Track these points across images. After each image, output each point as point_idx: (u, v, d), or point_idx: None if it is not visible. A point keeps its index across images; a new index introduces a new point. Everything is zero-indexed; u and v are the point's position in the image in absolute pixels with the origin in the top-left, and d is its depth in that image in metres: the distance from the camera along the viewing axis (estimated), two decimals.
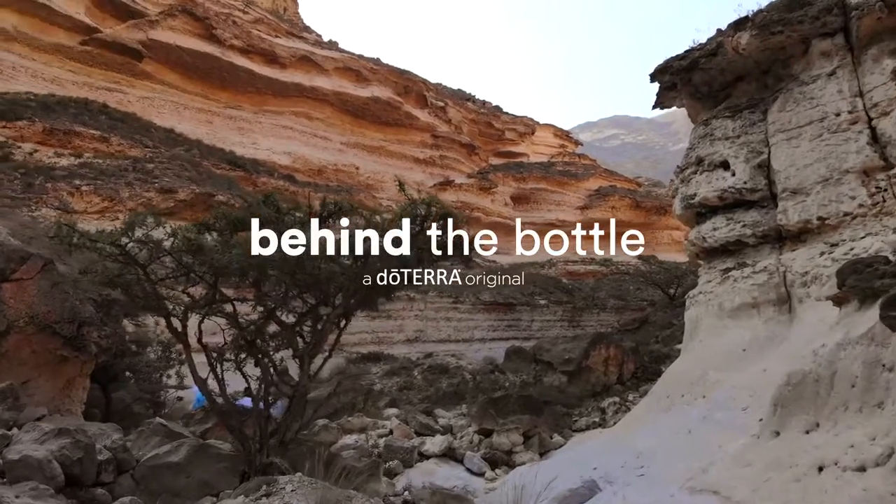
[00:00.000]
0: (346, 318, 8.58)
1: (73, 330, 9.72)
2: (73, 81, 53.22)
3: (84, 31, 53.63)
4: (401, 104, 68.36)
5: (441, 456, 13.00)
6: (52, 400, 10.39)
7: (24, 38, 49.00)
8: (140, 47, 56.78)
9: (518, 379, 22.82)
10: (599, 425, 16.91)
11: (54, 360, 10.19)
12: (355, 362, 28.88)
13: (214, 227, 7.73)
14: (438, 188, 68.70)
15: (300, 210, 7.85)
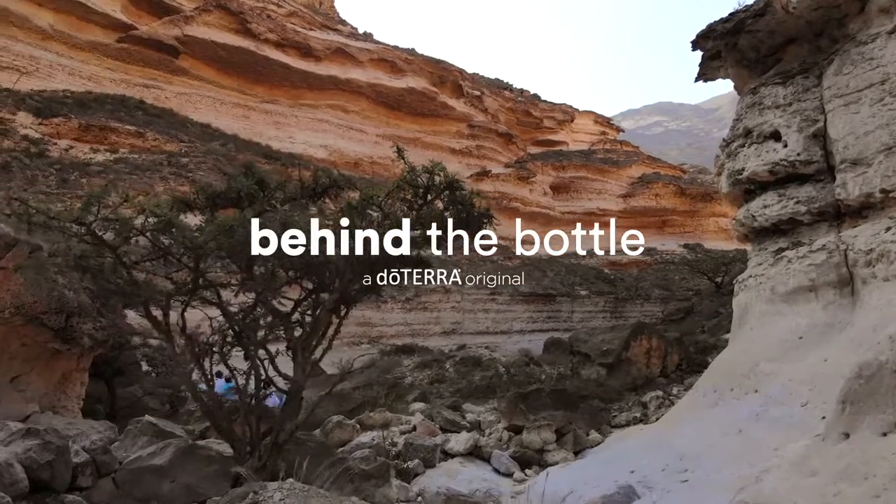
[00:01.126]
0: (346, 306, 7.68)
1: (60, 321, 9.04)
2: (111, 79, 53.62)
3: (120, 29, 54.01)
4: (436, 94, 67.47)
5: (466, 455, 12.05)
6: (46, 396, 9.74)
7: (60, 36, 49.45)
8: (176, 43, 56.98)
9: (554, 372, 21.75)
10: (641, 421, 15.76)
11: (46, 353, 9.53)
12: (389, 354, 28.11)
13: (195, 203, 6.90)
14: (475, 179, 67.65)
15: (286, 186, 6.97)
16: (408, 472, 10.56)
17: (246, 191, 6.34)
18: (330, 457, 8.13)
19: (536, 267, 59.42)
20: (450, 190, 6.38)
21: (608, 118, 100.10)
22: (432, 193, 6.54)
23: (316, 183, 6.90)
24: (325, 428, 11.44)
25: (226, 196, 6.62)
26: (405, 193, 6.67)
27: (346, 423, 11.42)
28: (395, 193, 6.54)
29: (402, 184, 6.36)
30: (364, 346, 36.99)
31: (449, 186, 6.32)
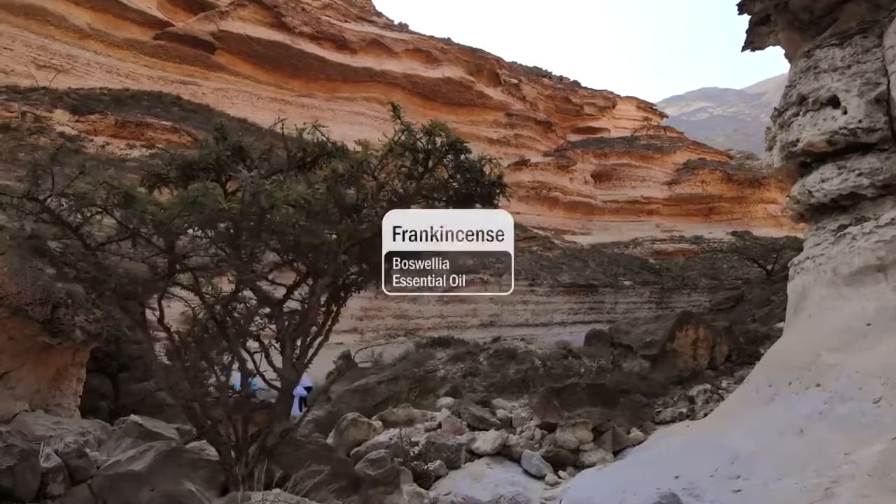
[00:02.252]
0: (343, 292, 6.79)
1: (46, 313, 8.35)
2: (148, 76, 53.90)
3: (156, 26, 54.25)
4: (472, 83, 66.37)
5: (494, 455, 11.11)
6: (38, 393, 9.11)
7: (98, 35, 49.80)
8: (212, 39, 57.06)
9: (594, 365, 20.59)
10: (687, 417, 14.58)
11: (37, 348, 8.89)
12: (424, 347, 27.27)
13: (169, 177, 6.08)
14: (513, 168, 66.47)
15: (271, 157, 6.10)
16: (428, 475, 9.67)
17: (216, 157, 5.48)
18: (333, 460, 7.28)
19: (577, 257, 58.11)
20: (453, 153, 5.43)
21: (651, 104, 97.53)
22: (433, 158, 5.60)
23: (304, 151, 6.00)
24: (340, 426, 10.62)
25: (200, 166, 5.77)
26: (403, 160, 5.74)
27: (362, 420, 10.56)
28: (389, 158, 5.61)
29: (395, 146, 5.42)
30: (400, 338, 36.29)
31: (452, 149, 5.36)
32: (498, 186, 5.81)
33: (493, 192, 5.88)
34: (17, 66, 42.96)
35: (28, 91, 40.67)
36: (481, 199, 6.21)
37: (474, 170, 5.68)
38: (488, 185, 5.72)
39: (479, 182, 5.78)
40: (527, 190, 66.61)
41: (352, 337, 36.59)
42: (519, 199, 66.41)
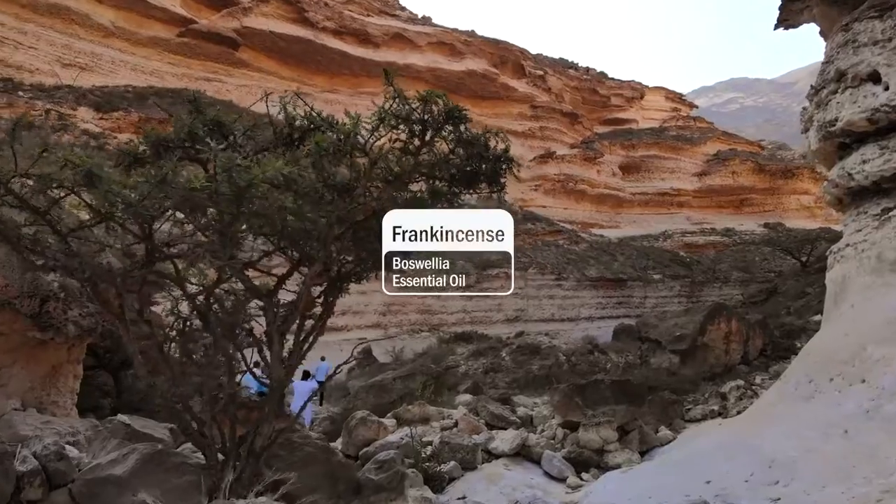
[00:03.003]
0: (340, 283, 6.24)
1: (34, 306, 7.93)
2: (173, 73, 53.97)
3: (180, 23, 54.29)
4: (497, 76, 65.49)
5: (513, 455, 10.52)
6: (31, 391, 8.71)
7: (122, 33, 49.93)
8: (235, 35, 56.99)
9: (621, 360, 19.96)
10: (719, 414, 13.87)
11: (30, 344, 8.48)
12: (447, 342, 26.75)
13: (145, 157, 5.58)
14: (539, 161, 65.58)
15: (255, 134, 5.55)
16: (441, 477, 9.11)
17: (188, 131, 4.95)
18: (332, 464, 6.74)
19: (605, 250, 57.06)
20: (451, 123, 4.83)
21: (680, 94, 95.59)
22: (430, 129, 5.01)
23: (291, 126, 5.45)
24: (348, 425, 10.10)
25: (175, 144, 5.24)
26: (397, 133, 5.16)
27: (371, 419, 10.02)
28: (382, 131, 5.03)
29: (387, 115, 4.84)
30: (424, 333, 35.79)
31: (449, 117, 4.77)
32: (504, 161, 5.19)
33: (500, 167, 5.27)
34: (41, 64, 43.18)
35: (52, 89, 40.84)
36: (487, 177, 5.62)
37: (477, 143, 5.08)
38: (493, 159, 5.11)
39: (483, 157, 5.17)
40: (553, 183, 65.61)
41: (375, 332, 36.19)
42: (545, 193, 65.49)
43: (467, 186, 5.68)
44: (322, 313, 6.47)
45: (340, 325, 36.01)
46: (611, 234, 64.82)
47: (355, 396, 15.31)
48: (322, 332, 6.46)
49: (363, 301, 37.35)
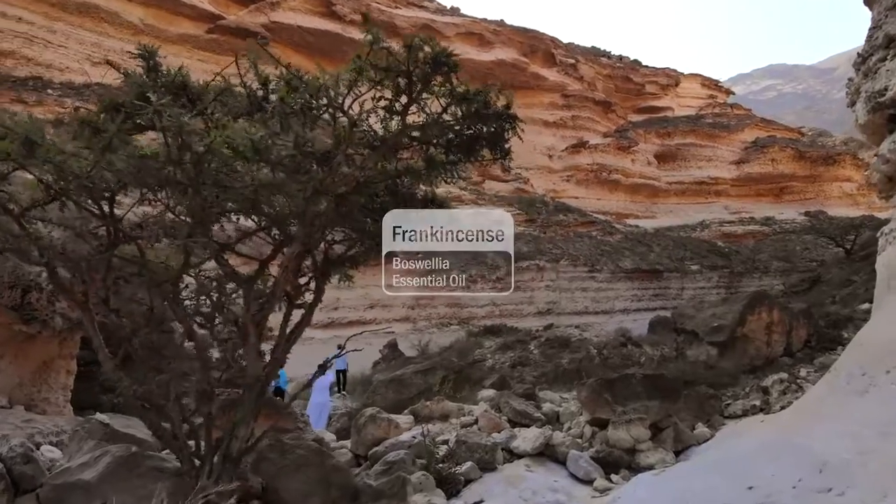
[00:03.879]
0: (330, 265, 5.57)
1: (15, 298, 7.43)
2: (203, 70, 53.86)
3: (209, 19, 54.37)
4: (526, 65, 64.40)
5: (536, 455, 9.76)
6: (20, 387, 8.26)
7: (151, 30, 50.06)
8: (263, 31, 56.89)
9: (656, 353, 18.99)
10: (761, 410, 12.89)
11: (17, 338, 8.03)
12: (476, 336, 26.03)
13: (101, 124, 4.94)
14: (571, 151, 64.35)
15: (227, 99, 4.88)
16: (456, 480, 8.40)
17: (139, 92, 4.30)
18: (327, 468, 6.08)
19: (641, 241, 55.79)
20: (440, 73, 4.11)
21: (716, 80, 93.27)
22: (418, 83, 4.29)
23: (265, 88, 4.77)
24: (357, 423, 9.44)
25: (135, 110, 4.60)
26: (381, 89, 4.45)
27: (381, 417, 9.34)
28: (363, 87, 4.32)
29: (364, 65, 4.13)
30: (453, 327, 35.13)
31: (436, 64, 4.04)
32: (507, 120, 4.46)
33: (502, 128, 4.53)
34: (71, 63, 43.47)
35: (82, 87, 41.05)
36: (489, 141, 4.88)
37: (474, 99, 4.35)
38: (494, 117, 4.37)
39: (481, 116, 4.44)
40: (586, 173, 64.39)
41: (403, 325, 35.66)
42: (577, 183, 64.31)
43: (467, 153, 4.95)
44: (312, 302, 5.82)
45: (369, 318, 35.60)
46: (646, 224, 63.40)
47: (374, 391, 14.72)
48: (308, 322, 5.80)
49: (391, 294, 36.87)
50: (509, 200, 53.14)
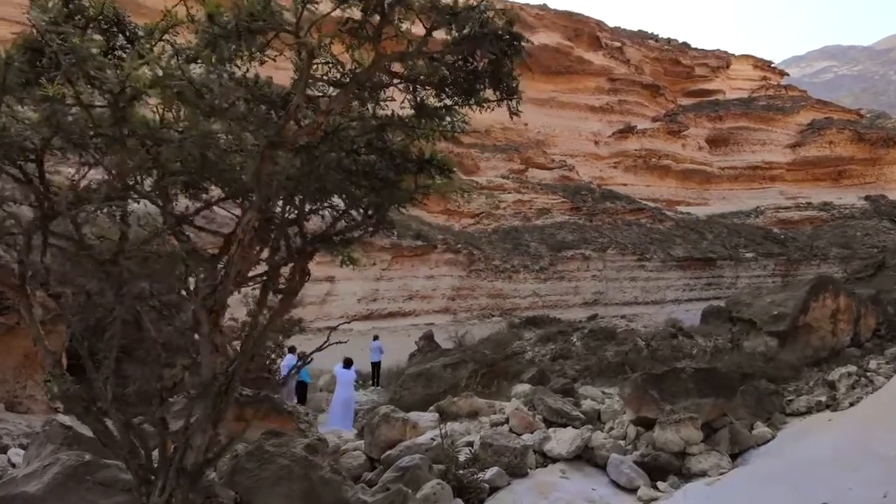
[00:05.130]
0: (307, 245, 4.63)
1: None
2: None
3: None
4: (571, 49, 62.64)
5: (572, 459, 8.72)
6: (3, 383, 7.57)
7: None
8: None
9: (709, 344, 17.70)
10: (828, 407, 11.60)
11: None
12: (517, 327, 24.98)
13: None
14: (619, 136, 62.46)
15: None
16: (478, 488, 7.42)
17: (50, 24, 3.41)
18: (313, 481, 5.17)
19: (693, 228, 53.85)
20: None
21: (769, 62, 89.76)
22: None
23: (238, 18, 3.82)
24: (371, 423, 8.53)
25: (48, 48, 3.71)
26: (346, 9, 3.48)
27: (395, 416, 8.40)
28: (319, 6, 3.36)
29: None
30: (495, 318, 34.11)
31: None
32: (509, 45, 3.44)
33: (504, 58, 3.52)
34: None
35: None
36: (491, 78, 3.88)
37: (468, 17, 3.35)
38: (492, 39, 3.37)
39: (478, 40, 3.44)
40: (634, 159, 62.42)
41: (444, 317, 34.82)
42: (625, 169, 62.44)
43: (465, 95, 3.95)
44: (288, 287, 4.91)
45: (408, 310, 34.85)
46: (698, 211, 61.26)
47: (402, 386, 13.87)
48: (287, 309, 4.89)
49: (430, 285, 36.08)
50: (553, 188, 51.76)
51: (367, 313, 33.44)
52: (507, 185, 49.46)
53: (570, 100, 63.42)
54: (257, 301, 4.86)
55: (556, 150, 59.19)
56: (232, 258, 4.02)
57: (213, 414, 4.29)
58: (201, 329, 4.16)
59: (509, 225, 45.41)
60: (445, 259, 37.00)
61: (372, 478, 7.64)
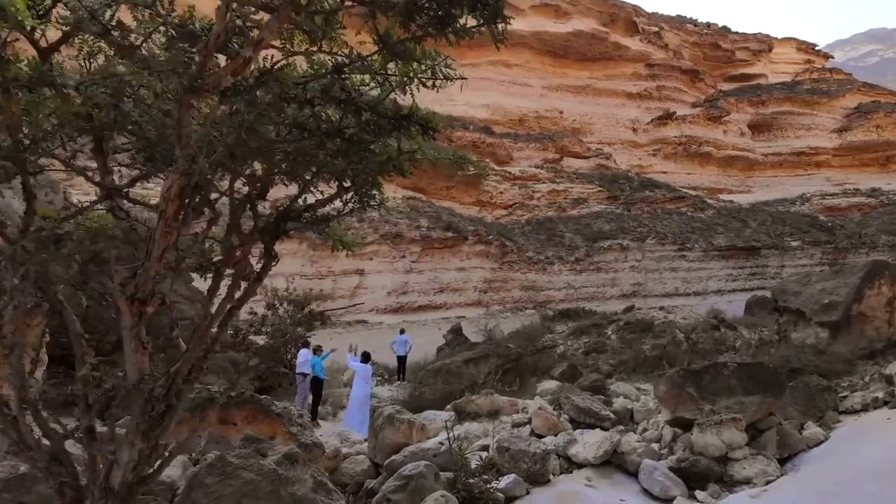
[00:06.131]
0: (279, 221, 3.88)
1: None
2: None
3: None
4: (607, 35, 61.17)
5: (600, 465, 7.86)
6: None
7: None
8: None
9: (754, 336, 16.61)
10: (885, 404, 10.56)
11: None
12: (551, 320, 24.04)
13: None
14: (657, 123, 60.82)
15: None
16: (492, 499, 6.62)
17: None
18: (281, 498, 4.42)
19: (735, 217, 52.16)
20: None
21: (813, 44, 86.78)
22: None
23: None
24: (374, 425, 7.76)
25: None
26: None
27: (400, 418, 7.60)
28: None
29: None
30: (528, 311, 33.16)
31: None
32: None
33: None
34: None
35: None
36: None
37: None
38: None
39: None
40: (673, 146, 60.76)
41: (475, 310, 34.00)
42: (664, 157, 60.84)
43: (440, 23, 3.14)
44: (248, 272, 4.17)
45: (439, 303, 34.14)
46: (741, 199, 59.39)
47: (421, 382, 13.10)
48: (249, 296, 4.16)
49: (461, 278, 35.30)
50: (589, 177, 50.55)
51: (397, 306, 32.82)
52: (542, 174, 48.42)
53: (607, 87, 62.00)
54: (208, 289, 4.14)
55: (592, 139, 57.95)
56: (152, 234, 3.28)
57: (144, 424, 3.56)
58: (123, 322, 3.43)
59: (543, 215, 44.46)
60: (477, 251, 36.21)
61: (374, 486, 6.89)
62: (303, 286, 26.30)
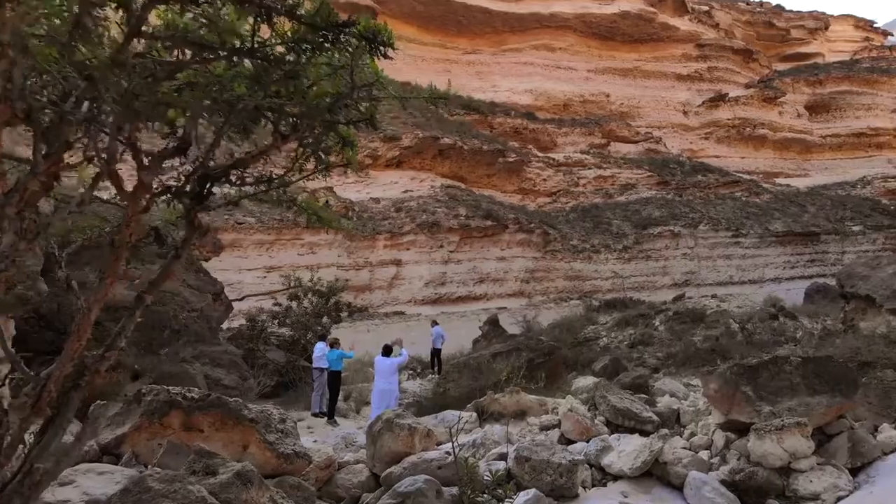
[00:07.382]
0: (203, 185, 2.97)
1: None
2: None
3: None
4: (654, 15, 58.94)
5: (639, 477, 6.77)
6: None
7: None
8: (372, 3, 55.45)
9: (817, 327, 15.20)
10: None
11: None
12: (596, 310, 22.79)
13: None
14: (709, 105, 58.46)
15: None
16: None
17: None
18: None
19: (793, 201, 49.75)
20: None
21: (871, 21, 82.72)
22: None
23: None
24: (372, 431, 6.78)
25: None
26: None
27: (401, 423, 6.59)
28: None
29: None
30: (573, 301, 31.84)
31: None
32: None
33: None
34: None
35: None
36: None
37: None
38: None
39: None
40: (726, 129, 58.31)
41: (517, 301, 32.81)
42: (717, 140, 58.47)
43: None
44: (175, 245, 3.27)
45: (479, 293, 33.05)
46: (798, 183, 56.69)
47: (445, 378, 12.18)
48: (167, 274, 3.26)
49: (502, 267, 34.12)
50: (638, 162, 48.74)
51: (436, 297, 31.86)
52: (587, 160, 46.84)
53: (656, 68, 59.82)
54: (111, 267, 3.22)
55: (640, 122, 55.97)
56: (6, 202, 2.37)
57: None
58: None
59: (589, 202, 42.98)
60: (518, 240, 34.99)
61: (370, 501, 5.95)
62: (340, 277, 25.63)
